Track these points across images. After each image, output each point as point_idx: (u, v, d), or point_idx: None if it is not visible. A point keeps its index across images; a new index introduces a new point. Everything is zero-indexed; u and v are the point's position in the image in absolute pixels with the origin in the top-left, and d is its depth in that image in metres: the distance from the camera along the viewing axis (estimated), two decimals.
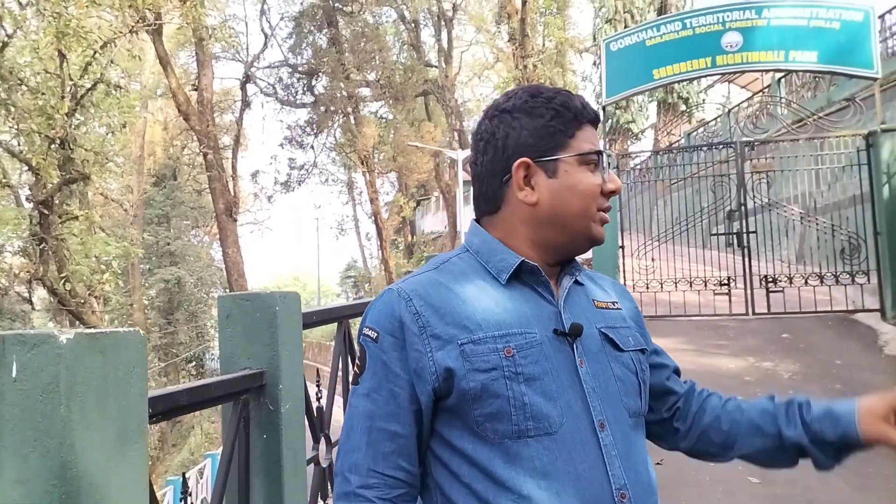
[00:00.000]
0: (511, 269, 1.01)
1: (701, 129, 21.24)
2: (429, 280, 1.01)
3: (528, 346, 0.96)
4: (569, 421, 0.94)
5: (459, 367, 0.94)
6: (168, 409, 1.46)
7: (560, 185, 1.02)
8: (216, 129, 19.24)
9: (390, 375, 0.97)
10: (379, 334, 0.98)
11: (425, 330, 0.96)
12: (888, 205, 7.75)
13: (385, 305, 1.00)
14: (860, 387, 5.36)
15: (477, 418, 0.94)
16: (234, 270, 17.98)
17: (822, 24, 8.38)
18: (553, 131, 1.02)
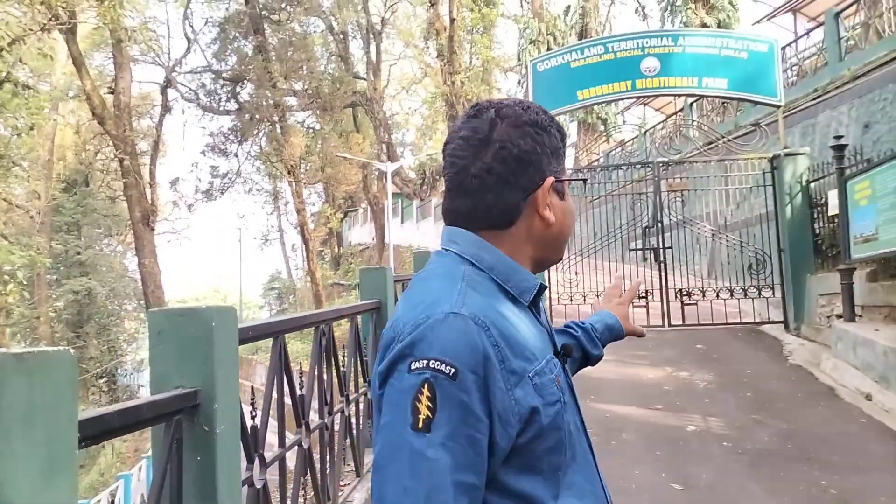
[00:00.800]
0: (534, 290, 0.96)
1: (619, 148, 22.11)
2: (484, 302, 0.88)
3: (560, 373, 0.94)
4: (581, 443, 0.95)
5: (539, 404, 0.86)
6: (98, 433, 1.39)
7: (566, 207, 1.01)
8: (133, 134, 18.44)
9: (471, 419, 0.81)
10: (458, 370, 0.81)
11: (504, 364, 0.84)
12: (790, 223, 8.31)
13: (461, 336, 0.83)
14: (769, 394, 5.70)
15: (539, 453, 0.87)
16: (151, 281, 17.23)
17: (731, 54, 8.93)
18: (562, 154, 1.02)
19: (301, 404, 2.75)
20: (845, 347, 6.17)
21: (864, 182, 6.46)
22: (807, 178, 8.33)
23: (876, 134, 9.04)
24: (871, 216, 6.26)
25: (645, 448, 4.62)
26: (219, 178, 24.21)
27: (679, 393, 5.84)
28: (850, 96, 10.06)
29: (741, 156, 9.05)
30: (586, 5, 23.72)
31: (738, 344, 7.59)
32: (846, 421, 4.99)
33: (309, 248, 22.06)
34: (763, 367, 6.57)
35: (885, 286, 6.46)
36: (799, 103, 11.34)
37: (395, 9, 26.73)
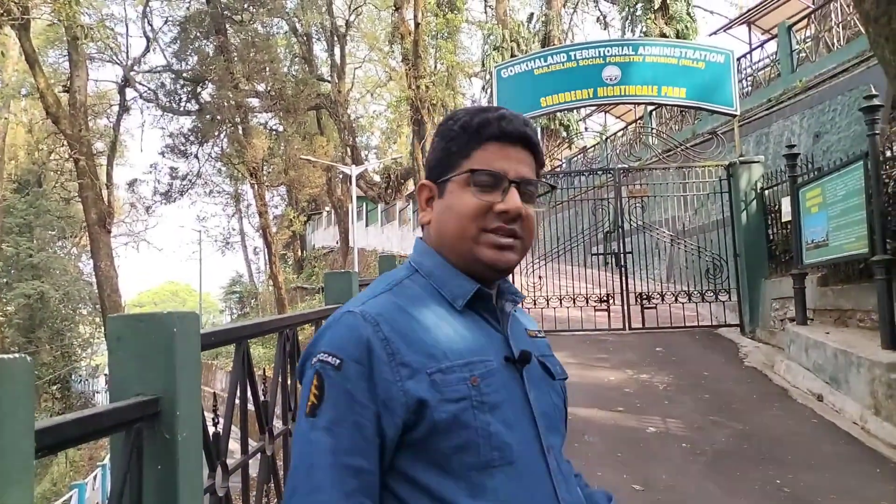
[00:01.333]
0: (468, 295, 0.98)
1: (581, 155, 22.44)
2: (390, 303, 0.95)
3: (489, 374, 0.93)
4: (525, 448, 0.93)
5: (431, 398, 0.88)
6: (56, 443, 1.34)
7: (443, 205, 1.01)
8: (89, 133, 17.97)
9: (355, 406, 0.88)
10: (342, 361, 0.89)
11: (394, 357, 0.90)
12: (746, 229, 8.54)
13: (348, 330, 0.92)
14: (726, 395, 5.85)
15: (444, 451, 0.89)
16: (107, 285, 16.80)
17: (690, 64, 9.16)
18: (449, 153, 1.01)
19: (265, 411, 2.71)
20: (798, 350, 6.37)
21: (815, 190, 6.69)
22: (761, 185, 8.59)
23: (826, 143, 9.37)
24: (822, 223, 6.48)
25: (607, 450, 4.70)
26: (178, 180, 23.79)
27: (639, 395, 5.95)
28: (802, 107, 10.41)
29: (699, 163, 9.28)
30: (549, 13, 24.02)
31: (696, 347, 7.77)
32: (799, 421, 5.15)
33: (272, 252, 21.78)
34: (720, 370, 6.73)
35: (835, 290, 6.70)
36: (754, 113, 11.68)
37: (360, 12, 26.67)
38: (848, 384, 5.35)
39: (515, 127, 1.00)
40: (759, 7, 16.91)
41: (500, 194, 0.98)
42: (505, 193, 0.98)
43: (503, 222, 0.98)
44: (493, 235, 0.98)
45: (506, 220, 0.98)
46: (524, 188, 1.00)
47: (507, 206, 0.97)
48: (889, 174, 5.93)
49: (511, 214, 0.98)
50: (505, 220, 0.98)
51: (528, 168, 1.01)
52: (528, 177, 1.00)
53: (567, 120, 23.48)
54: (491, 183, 0.98)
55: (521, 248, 1.01)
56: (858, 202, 5.80)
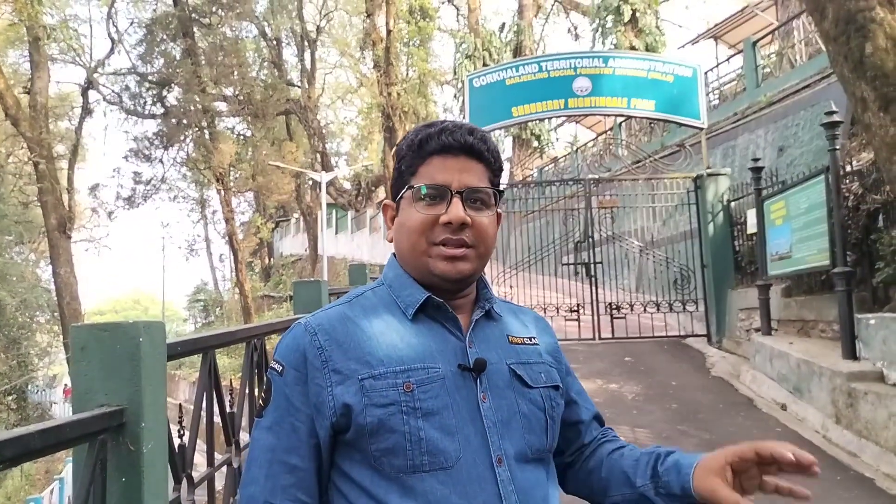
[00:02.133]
0: (417, 304, 1.01)
1: (552, 165, 22.66)
2: (337, 315, 1.01)
3: (430, 381, 0.95)
4: (466, 456, 0.93)
5: (357, 403, 0.93)
6: (18, 455, 1.29)
7: (398, 223, 1.05)
8: (50, 136, 17.52)
9: (291, 409, 0.96)
10: (284, 367, 0.98)
11: (327, 364, 0.96)
12: (713, 241, 8.70)
13: (292, 340, 1.00)
14: (693, 405, 5.92)
15: (374, 452, 0.93)
16: (66, 292, 16.36)
17: (658, 77, 9.32)
18: (401, 172, 1.05)
19: (231, 422, 2.65)
20: (763, 360, 6.49)
21: (779, 202, 6.84)
22: (728, 197, 8.76)
23: (790, 157, 9.61)
24: (786, 235, 6.64)
25: None
26: (142, 185, 23.28)
27: (609, 405, 5.99)
28: (767, 121, 10.67)
29: (667, 175, 9.43)
30: (521, 23, 24.25)
31: (665, 356, 7.86)
32: (764, 430, 5.23)
33: (238, 259, 21.46)
34: (687, 379, 6.82)
35: (799, 301, 6.85)
36: (720, 126, 11.93)
37: (331, 17, 26.60)
38: (810, 393, 5.47)
39: (457, 138, 1.01)
40: (726, 22, 17.34)
41: (444, 206, 0.99)
42: (448, 204, 0.99)
43: (449, 233, 0.99)
44: (442, 248, 1.00)
45: (451, 230, 0.99)
46: (471, 196, 1.01)
47: (449, 217, 0.98)
48: (849, 188, 6.11)
49: (454, 225, 0.99)
50: (450, 230, 0.99)
51: (476, 176, 1.02)
52: (472, 185, 1.00)
53: (538, 130, 23.70)
54: (434, 195, 1.00)
55: (476, 255, 1.01)
56: (820, 215, 5.95)
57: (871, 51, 4.73)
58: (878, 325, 5.01)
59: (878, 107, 4.80)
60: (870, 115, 4.91)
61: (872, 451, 4.51)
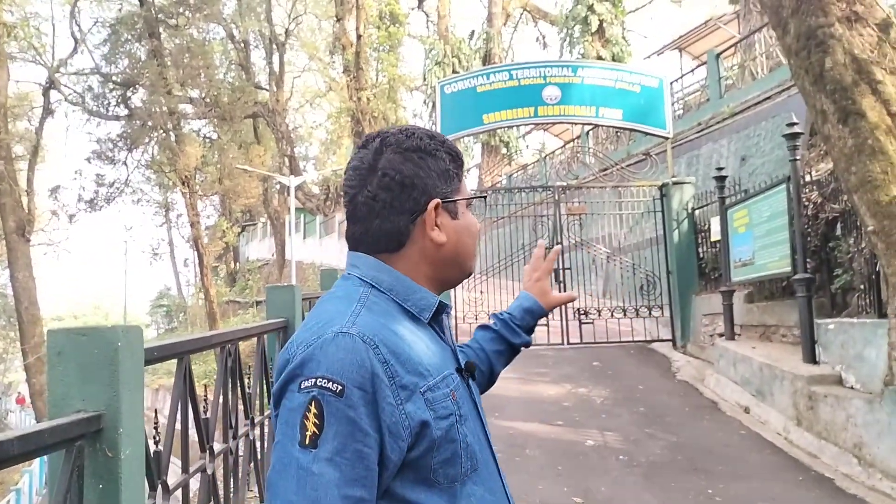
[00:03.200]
0: (433, 308, 1.00)
1: (521, 171, 22.85)
2: (376, 322, 0.93)
3: (458, 387, 0.97)
4: (483, 454, 0.98)
5: (430, 418, 0.89)
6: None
7: (461, 226, 1.04)
8: (9, 137, 17.03)
9: (358, 434, 0.85)
10: (345, 387, 0.85)
11: (394, 380, 0.88)
12: (677, 247, 8.88)
13: (349, 353, 0.87)
14: (660, 408, 6.04)
15: (434, 466, 0.90)
16: (24, 297, 15.89)
17: (626, 87, 9.49)
18: (452, 175, 1.05)
19: (205, 428, 2.63)
20: (726, 364, 6.65)
21: (742, 211, 7.03)
22: (692, 205, 8.96)
23: (751, 167, 9.87)
24: (749, 242, 6.82)
25: (547, 463, 4.76)
26: (105, 187, 22.72)
27: (578, 409, 6.07)
28: (730, 131, 10.94)
29: (634, 183, 9.60)
30: (490, 31, 24.44)
31: (631, 361, 7.99)
32: (728, 433, 5.36)
33: (203, 263, 21.11)
34: (654, 383, 6.94)
35: (761, 307, 7.04)
36: (685, 135, 12.20)
37: (300, 21, 26.41)
38: (772, 396, 5.62)
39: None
40: (690, 34, 17.74)
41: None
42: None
43: None
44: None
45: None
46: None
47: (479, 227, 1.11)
48: (809, 198, 6.30)
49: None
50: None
51: None
52: None
53: (507, 137, 23.90)
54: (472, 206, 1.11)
55: None
56: (782, 223, 6.13)
57: (830, 65, 4.91)
58: (836, 329, 5.18)
59: (837, 119, 4.97)
60: (829, 127, 5.08)
61: (832, 451, 4.66)
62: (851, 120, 4.90)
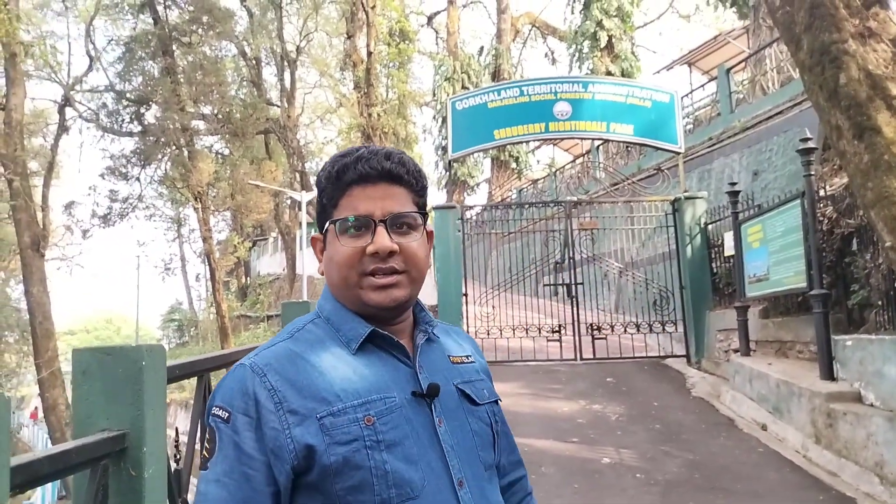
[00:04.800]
0: (360, 339, 0.99)
1: (531, 186, 22.86)
2: (284, 352, 0.96)
3: (389, 411, 0.94)
4: (430, 483, 0.93)
5: (319, 443, 0.90)
6: (27, 480, 1.29)
7: (326, 256, 1.04)
8: (25, 153, 17.25)
9: (243, 458, 0.90)
10: (231, 414, 0.91)
11: (282, 406, 0.91)
12: (691, 262, 8.84)
13: (237, 383, 0.93)
14: (676, 426, 5.98)
15: (339, 492, 0.90)
16: (39, 312, 15.99)
17: (637, 102, 9.51)
18: (324, 206, 1.04)
19: None
20: (742, 380, 6.58)
21: (756, 226, 6.99)
22: (705, 220, 8.92)
23: (764, 181, 9.84)
24: (763, 257, 6.77)
25: (563, 481, 4.72)
26: (118, 203, 22.91)
27: (593, 426, 6.01)
28: (741, 146, 10.92)
29: (645, 197, 9.58)
30: (499, 47, 24.60)
31: (645, 377, 7.93)
32: (745, 450, 5.29)
33: (215, 278, 21.20)
34: (669, 400, 6.88)
35: (776, 322, 6.97)
36: (696, 150, 12.18)
37: (311, 38, 26.67)
38: (790, 414, 5.55)
39: (373, 165, 1.00)
40: (699, 49, 17.77)
41: (370, 236, 0.99)
42: (374, 234, 0.99)
43: (378, 262, 0.98)
44: (372, 278, 0.99)
45: (379, 259, 0.98)
46: (395, 222, 1.00)
47: (376, 247, 0.98)
48: (823, 213, 6.27)
49: (381, 254, 0.98)
50: (379, 260, 0.98)
51: (398, 202, 1.01)
52: (396, 211, 1.00)
53: (517, 152, 23.95)
54: (359, 226, 0.99)
55: (409, 280, 1.01)
56: (797, 238, 6.09)
57: (844, 81, 4.90)
58: (854, 346, 5.12)
59: (852, 135, 4.95)
60: (844, 143, 5.06)
61: (852, 470, 4.59)
62: (867, 136, 4.88)
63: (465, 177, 25.15)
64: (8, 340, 26.58)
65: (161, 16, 19.98)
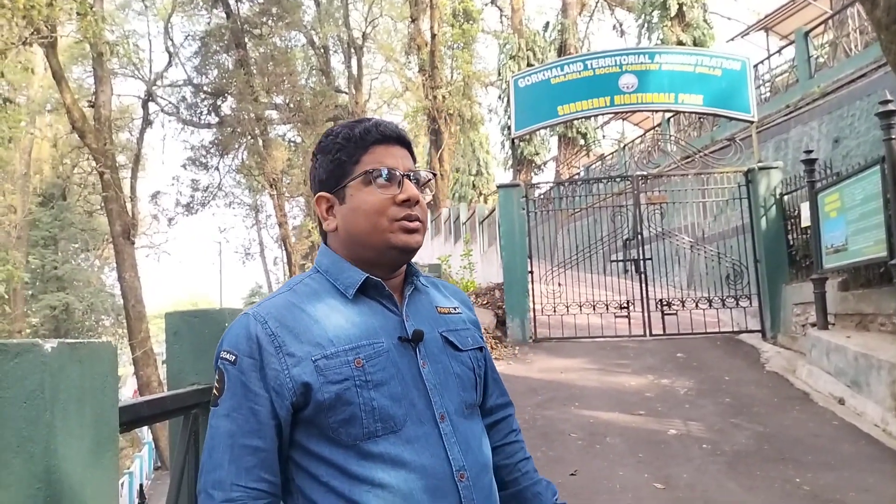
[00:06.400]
0: (357, 284, 1.11)
1: (598, 162, 22.47)
2: (283, 302, 1.09)
3: (377, 354, 1.06)
4: (412, 417, 1.05)
5: (314, 381, 1.02)
6: (131, 420, 1.50)
7: (347, 209, 1.13)
8: (114, 147, 18.36)
9: (249, 395, 1.03)
10: (237, 357, 1.04)
11: (281, 349, 1.04)
12: (765, 235, 8.56)
13: (242, 329, 1.06)
14: (747, 399, 5.88)
15: (332, 425, 1.03)
16: (131, 296, 17.10)
17: (706, 71, 9.22)
18: (338, 163, 1.14)
19: None
20: (819, 354, 6.38)
21: (833, 195, 6.72)
22: (780, 191, 8.61)
23: (845, 148, 9.37)
24: (841, 227, 6.51)
25: (628, 451, 4.76)
26: (199, 192, 24.09)
27: (660, 399, 6.00)
28: (821, 112, 10.41)
29: (717, 170, 9.32)
30: (565, 22, 24.14)
31: (717, 352, 7.79)
32: (819, 423, 5.17)
33: (291, 262, 22.02)
34: (741, 375, 6.76)
35: (856, 295, 6.70)
36: (772, 119, 11.69)
37: (377, 24, 26.99)
38: (869, 387, 5.37)
39: (392, 129, 1.16)
40: (777, 13, 16.91)
41: (396, 187, 1.12)
42: (401, 185, 1.12)
43: (408, 210, 1.12)
44: (403, 222, 1.12)
45: (408, 207, 1.12)
46: (415, 178, 1.15)
47: (409, 194, 1.12)
48: None
49: (412, 201, 1.12)
50: (407, 207, 1.12)
51: (410, 162, 1.17)
52: (413, 168, 1.16)
53: (584, 128, 23.55)
54: (387, 178, 1.12)
55: (423, 230, 1.16)
56: (876, 206, 5.83)
57: None
58: None
59: None
60: None
61: None
62: None
63: (532, 155, 24.95)
64: (105, 324, 28.50)
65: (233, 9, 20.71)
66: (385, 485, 1.01)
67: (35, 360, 1.07)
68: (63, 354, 1.12)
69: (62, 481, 1.09)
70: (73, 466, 1.13)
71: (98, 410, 1.20)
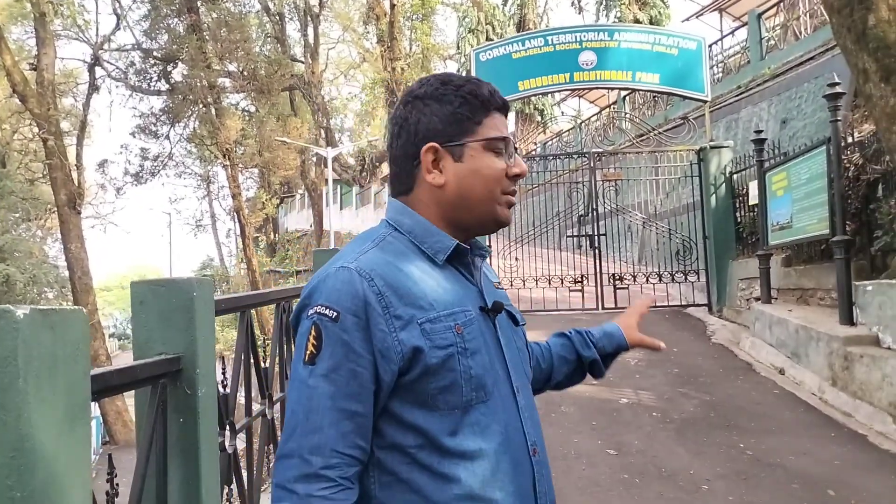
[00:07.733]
0: (448, 251, 1.06)
1: (556, 139, 22.66)
2: (380, 259, 1.01)
3: (470, 322, 1.03)
4: (497, 388, 1.03)
5: (424, 345, 0.97)
6: (102, 389, 1.49)
7: (465, 169, 1.05)
8: (58, 113, 17.61)
9: (351, 355, 0.96)
10: (339, 313, 0.96)
11: (388, 310, 0.97)
12: (715, 212, 8.84)
13: (345, 285, 0.98)
14: (694, 370, 6.13)
15: (431, 391, 0.98)
16: (77, 267, 16.56)
17: (663, 50, 9.38)
18: (461, 118, 1.06)
19: (265, 376, 2.85)
20: (762, 327, 6.68)
21: (781, 174, 6.97)
22: (730, 169, 8.88)
23: (792, 129, 9.70)
24: (787, 205, 6.78)
25: (582, 419, 4.93)
26: (149, 161, 23.35)
27: (613, 370, 6.15)
28: (770, 94, 10.72)
29: (670, 148, 9.54)
30: None
31: (666, 325, 8.06)
32: (762, 392, 5.44)
33: (245, 234, 21.64)
34: (688, 346, 7.02)
35: (798, 270, 7.01)
36: (724, 99, 11.99)
37: None
38: (808, 358, 5.66)
39: (504, 98, 1.11)
40: None
41: (506, 158, 1.08)
42: (511, 158, 1.08)
43: (514, 184, 1.09)
44: (510, 196, 1.09)
45: (514, 182, 1.09)
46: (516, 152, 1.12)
47: (521, 170, 1.09)
48: (850, 159, 6.23)
49: (523, 176, 1.09)
50: (514, 182, 1.09)
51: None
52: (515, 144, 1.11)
53: (542, 104, 23.67)
54: (503, 149, 1.07)
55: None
56: (821, 185, 6.08)
57: (873, 22, 4.83)
58: (874, 291, 5.18)
59: (879, 77, 4.91)
60: (871, 86, 5.03)
61: (866, 410, 4.71)
62: (894, 78, 4.84)
63: None
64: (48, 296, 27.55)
65: None
66: (475, 457, 0.98)
67: (7, 325, 1.04)
68: (35, 321, 1.10)
69: (36, 450, 1.08)
70: (46, 435, 1.11)
71: (70, 378, 1.19)
